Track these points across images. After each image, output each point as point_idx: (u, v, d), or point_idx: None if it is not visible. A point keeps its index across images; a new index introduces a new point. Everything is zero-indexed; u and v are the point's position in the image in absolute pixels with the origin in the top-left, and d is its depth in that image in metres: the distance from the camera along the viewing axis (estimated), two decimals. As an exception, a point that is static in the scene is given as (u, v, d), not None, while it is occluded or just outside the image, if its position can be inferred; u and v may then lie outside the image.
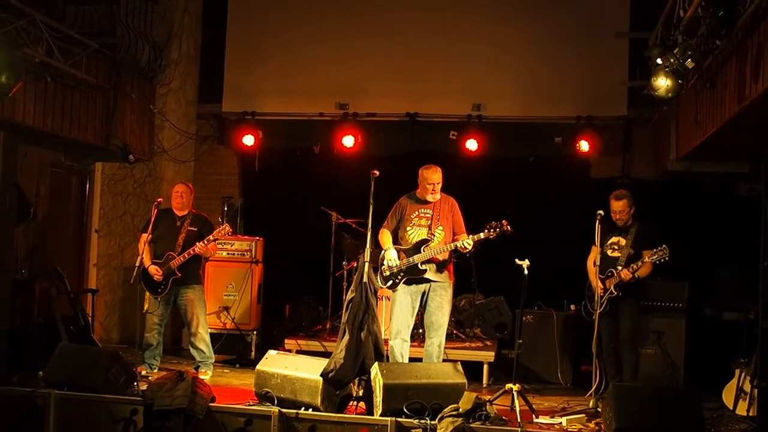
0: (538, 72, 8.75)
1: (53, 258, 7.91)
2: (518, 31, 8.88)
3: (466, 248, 6.01)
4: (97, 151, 8.41)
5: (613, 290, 6.27)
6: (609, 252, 6.42)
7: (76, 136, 7.66)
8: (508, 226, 5.91)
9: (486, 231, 5.94)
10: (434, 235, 6.14)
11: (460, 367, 5.43)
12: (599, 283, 6.28)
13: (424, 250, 6.07)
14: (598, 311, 6.19)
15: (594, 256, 6.36)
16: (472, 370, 6.31)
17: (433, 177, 6.19)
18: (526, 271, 5.59)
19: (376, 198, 5.82)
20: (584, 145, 8.41)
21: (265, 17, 9.37)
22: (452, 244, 6.08)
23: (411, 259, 6.08)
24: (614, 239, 6.44)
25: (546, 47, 8.74)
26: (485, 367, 7.11)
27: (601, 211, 6.08)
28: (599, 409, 5.56)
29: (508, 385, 5.48)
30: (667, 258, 6.03)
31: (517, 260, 5.63)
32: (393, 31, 9.01)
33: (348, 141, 8.72)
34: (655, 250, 6.07)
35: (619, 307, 6.35)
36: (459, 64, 8.88)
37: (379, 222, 6.20)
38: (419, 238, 6.15)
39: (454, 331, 7.74)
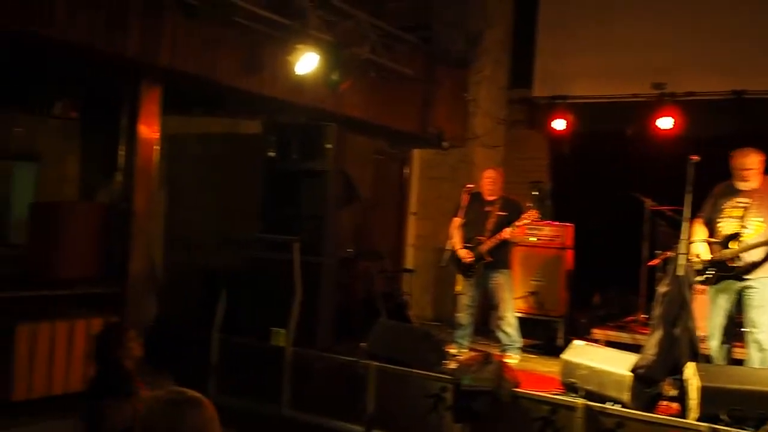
0: None
1: (375, 239, 8.56)
2: None
3: None
4: (413, 139, 8.91)
5: None
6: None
7: (396, 125, 8.19)
8: None
9: None
10: (747, 228, 5.44)
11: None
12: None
13: (730, 246, 5.46)
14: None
15: None
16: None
17: (738, 162, 5.54)
18: None
19: (695, 184, 5.40)
20: None
21: (577, -1, 9.16)
22: None
23: (720, 254, 5.51)
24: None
25: None
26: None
27: None
28: None
29: None
30: None
31: None
32: (715, 2, 8.26)
33: (664, 122, 8.21)
34: None
35: None
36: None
37: (697, 211, 5.75)
38: (729, 232, 5.51)
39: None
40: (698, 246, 5.61)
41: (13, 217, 7.80)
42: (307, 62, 6.46)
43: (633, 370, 5.03)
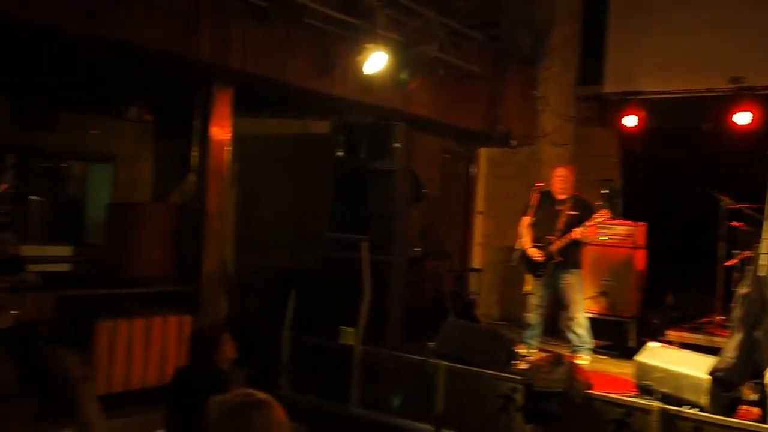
0: None
1: (443, 237, 8.54)
2: None
3: None
4: (481, 137, 8.86)
5: None
6: None
7: (464, 123, 8.15)
8: None
9: None
10: None
11: None
12: None
13: None
14: None
15: None
16: None
17: None
18: None
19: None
20: None
21: (649, -7, 8.94)
22: None
23: None
24: None
25: None
26: None
27: None
28: None
29: None
30: None
31: None
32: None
33: (742, 118, 7.92)
34: None
35: None
36: None
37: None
38: None
39: None
40: None
41: (90, 217, 8.06)
42: (375, 62, 6.49)
43: (711, 373, 4.89)
